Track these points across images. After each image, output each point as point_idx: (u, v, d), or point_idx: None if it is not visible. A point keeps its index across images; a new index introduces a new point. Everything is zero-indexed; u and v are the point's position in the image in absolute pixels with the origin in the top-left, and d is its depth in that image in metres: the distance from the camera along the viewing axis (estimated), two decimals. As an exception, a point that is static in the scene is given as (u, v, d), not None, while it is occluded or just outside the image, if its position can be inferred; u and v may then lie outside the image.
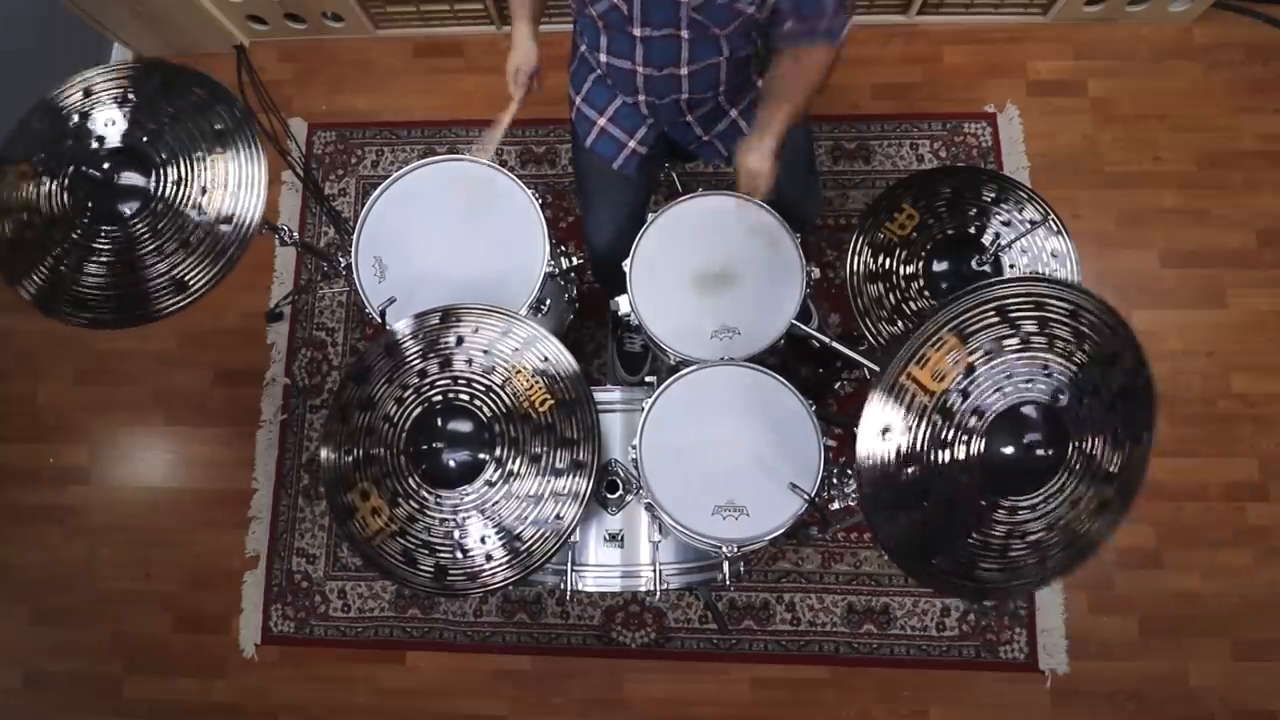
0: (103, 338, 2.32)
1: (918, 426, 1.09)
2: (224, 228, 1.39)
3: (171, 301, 1.39)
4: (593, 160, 1.64)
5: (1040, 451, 1.10)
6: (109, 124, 1.42)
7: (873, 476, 1.09)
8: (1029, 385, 1.11)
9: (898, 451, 1.09)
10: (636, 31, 1.33)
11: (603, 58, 1.44)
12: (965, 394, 1.10)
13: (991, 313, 1.10)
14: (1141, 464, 1.13)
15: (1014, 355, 1.11)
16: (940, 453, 1.10)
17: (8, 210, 1.42)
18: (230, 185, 1.40)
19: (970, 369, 1.10)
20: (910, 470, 1.09)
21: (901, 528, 1.12)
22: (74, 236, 1.40)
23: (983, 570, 1.13)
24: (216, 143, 1.41)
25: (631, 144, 1.59)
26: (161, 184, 1.40)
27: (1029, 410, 1.11)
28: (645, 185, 1.74)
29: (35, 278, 1.41)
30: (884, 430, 1.08)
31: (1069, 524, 1.12)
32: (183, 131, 1.42)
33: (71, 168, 1.40)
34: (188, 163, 1.41)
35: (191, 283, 1.38)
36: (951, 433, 1.10)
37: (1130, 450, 1.13)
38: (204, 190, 1.40)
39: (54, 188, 1.42)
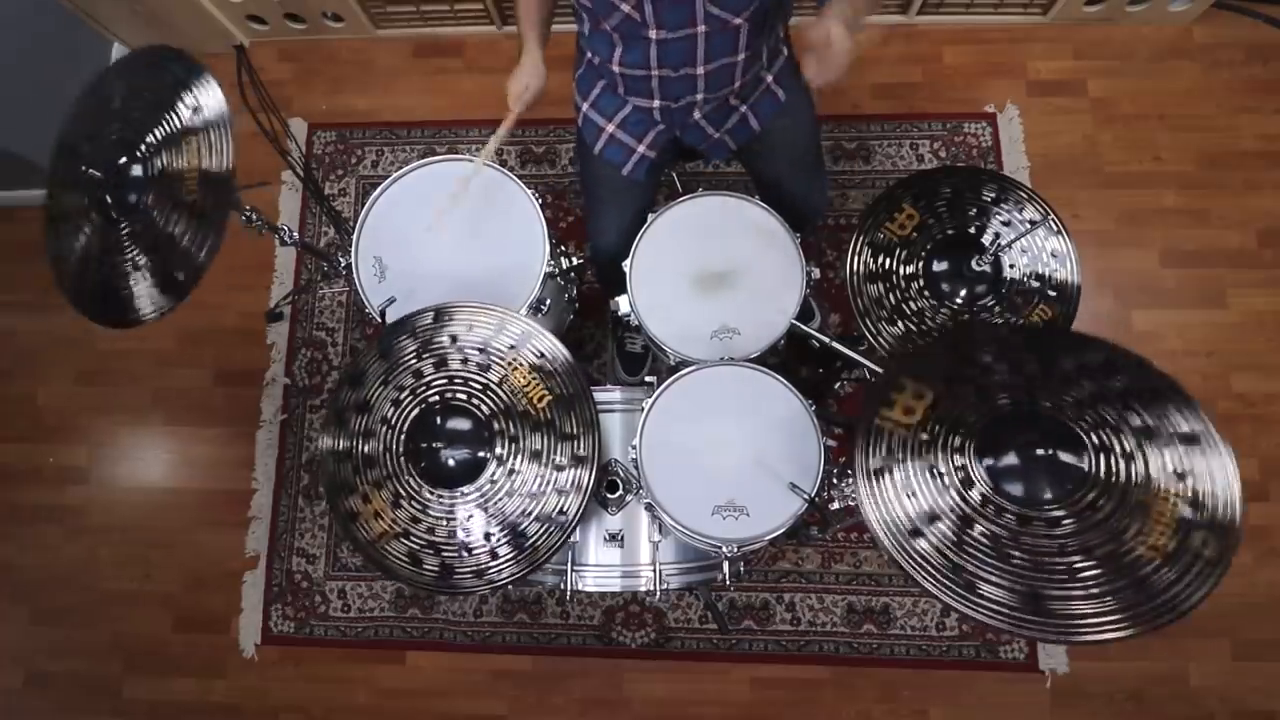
0: (103, 338, 2.32)
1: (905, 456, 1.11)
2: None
3: (192, 273, 1.38)
4: (601, 167, 1.63)
5: (1040, 451, 1.10)
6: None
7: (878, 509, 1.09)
8: (1004, 402, 1.12)
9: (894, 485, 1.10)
10: (652, 35, 1.32)
11: (616, 68, 1.43)
12: (942, 420, 1.11)
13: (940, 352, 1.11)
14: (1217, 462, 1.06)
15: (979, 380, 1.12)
16: (938, 476, 1.10)
17: (76, 256, 1.43)
18: (200, 133, 1.38)
19: (936, 400, 1.12)
20: (912, 498, 1.10)
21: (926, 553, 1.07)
22: (126, 243, 1.40)
23: (1048, 596, 1.02)
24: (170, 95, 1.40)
25: (641, 149, 1.58)
26: (148, 160, 1.39)
27: (1013, 417, 1.12)
28: (652, 187, 1.74)
29: (121, 294, 1.41)
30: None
31: (1153, 542, 1.03)
32: (140, 103, 1.41)
33: (82, 169, 1.40)
34: (157, 130, 1.40)
35: (202, 246, 1.36)
36: (943, 460, 1.10)
37: (1185, 449, 1.08)
38: (178, 144, 1.38)
39: (81, 197, 1.42)
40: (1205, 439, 1.10)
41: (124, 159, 1.40)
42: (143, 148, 1.40)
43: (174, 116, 1.39)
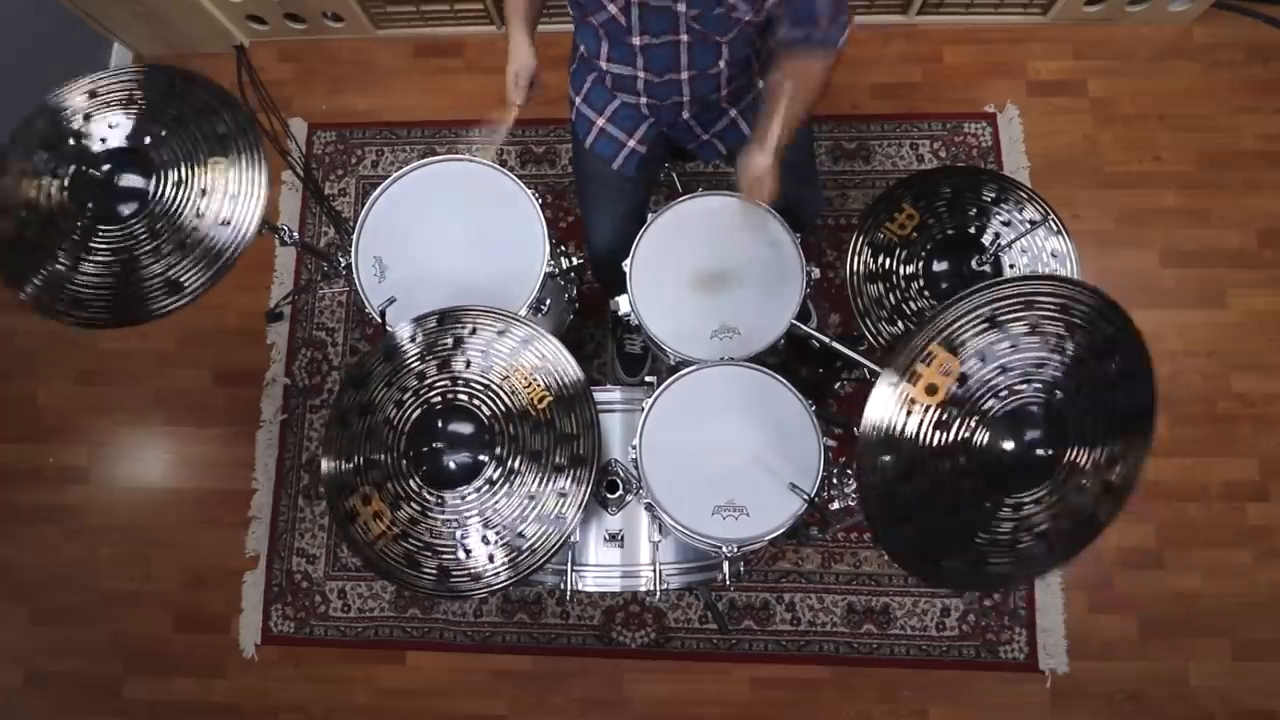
0: (104, 338, 2.32)
1: (917, 439, 1.09)
2: (222, 231, 1.38)
3: (167, 302, 1.38)
4: (592, 160, 1.64)
5: (1041, 451, 1.10)
6: (111, 126, 1.42)
7: (875, 494, 1.09)
8: (1024, 387, 1.11)
9: (898, 468, 1.09)
10: (636, 41, 1.34)
11: (603, 64, 1.44)
12: (961, 403, 1.10)
13: (981, 320, 1.10)
14: (1142, 446, 1.12)
15: (1006, 358, 1.10)
16: (941, 462, 1.09)
17: (7, 209, 1.42)
18: (230, 189, 1.40)
19: (963, 378, 1.10)
20: (912, 484, 1.09)
21: (909, 538, 1.12)
22: (74, 237, 1.39)
23: (993, 565, 1.12)
24: (218, 146, 1.41)
25: (631, 143, 1.59)
26: (162, 185, 1.40)
27: (1027, 412, 1.11)
28: (645, 185, 1.74)
29: (34, 278, 1.40)
30: (885, 448, 1.09)
31: (1075, 510, 1.12)
32: (185, 135, 1.42)
33: (73, 167, 1.40)
34: (189, 166, 1.41)
35: (187, 284, 1.38)
36: (951, 440, 1.10)
37: (1133, 434, 1.12)
38: (204, 193, 1.39)
39: (54, 187, 1.41)
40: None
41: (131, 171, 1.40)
42: (160, 171, 1.40)
43: (209, 175, 1.40)
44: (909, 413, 1.09)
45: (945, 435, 1.09)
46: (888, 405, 1.08)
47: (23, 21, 2.24)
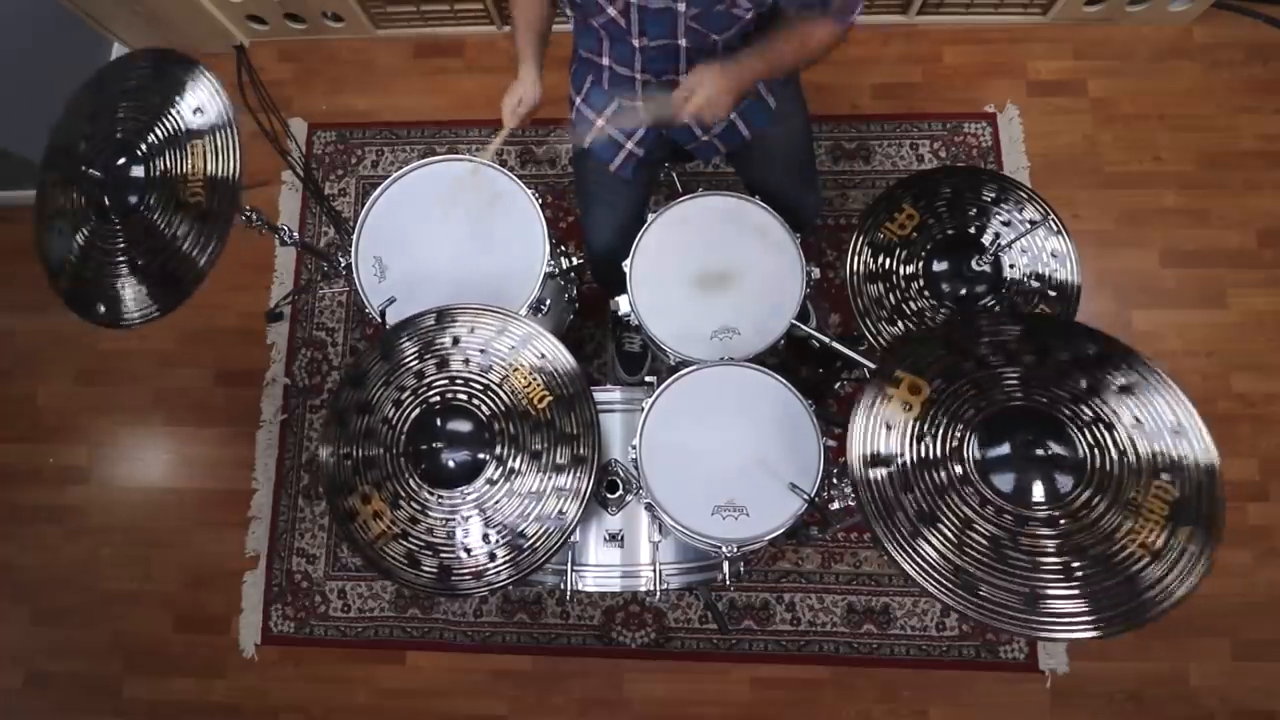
0: (104, 338, 2.32)
1: (901, 449, 1.12)
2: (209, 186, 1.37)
3: (193, 276, 1.38)
4: (590, 162, 1.64)
5: (1039, 451, 1.10)
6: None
7: (874, 505, 1.09)
8: (1003, 396, 1.13)
9: (890, 477, 1.10)
10: (635, 42, 1.34)
11: (605, 61, 1.44)
12: (942, 408, 1.12)
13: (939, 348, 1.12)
14: (1205, 455, 1.07)
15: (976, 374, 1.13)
16: (934, 472, 1.10)
17: (61, 239, 1.45)
18: (206, 145, 1.39)
19: (932, 399, 1.12)
20: (909, 494, 1.09)
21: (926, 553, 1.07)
22: (119, 240, 1.41)
23: (1047, 594, 1.03)
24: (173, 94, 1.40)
25: (629, 146, 1.59)
26: (151, 162, 1.40)
27: (1008, 414, 1.12)
28: (644, 186, 1.74)
29: (109, 294, 1.42)
30: (873, 458, 1.11)
31: (1143, 539, 1.05)
32: (143, 109, 1.42)
33: (82, 168, 1.41)
34: (165, 137, 1.40)
35: (204, 250, 1.37)
36: (938, 450, 1.11)
37: (1178, 440, 1.09)
38: (186, 150, 1.39)
39: (78, 196, 1.43)
40: (1190, 430, 1.12)
41: (123, 159, 1.40)
42: (143, 148, 1.39)
43: (175, 118, 1.39)
44: (888, 425, 1.12)
45: (930, 445, 1.11)
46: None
47: (22, 21, 2.24)
